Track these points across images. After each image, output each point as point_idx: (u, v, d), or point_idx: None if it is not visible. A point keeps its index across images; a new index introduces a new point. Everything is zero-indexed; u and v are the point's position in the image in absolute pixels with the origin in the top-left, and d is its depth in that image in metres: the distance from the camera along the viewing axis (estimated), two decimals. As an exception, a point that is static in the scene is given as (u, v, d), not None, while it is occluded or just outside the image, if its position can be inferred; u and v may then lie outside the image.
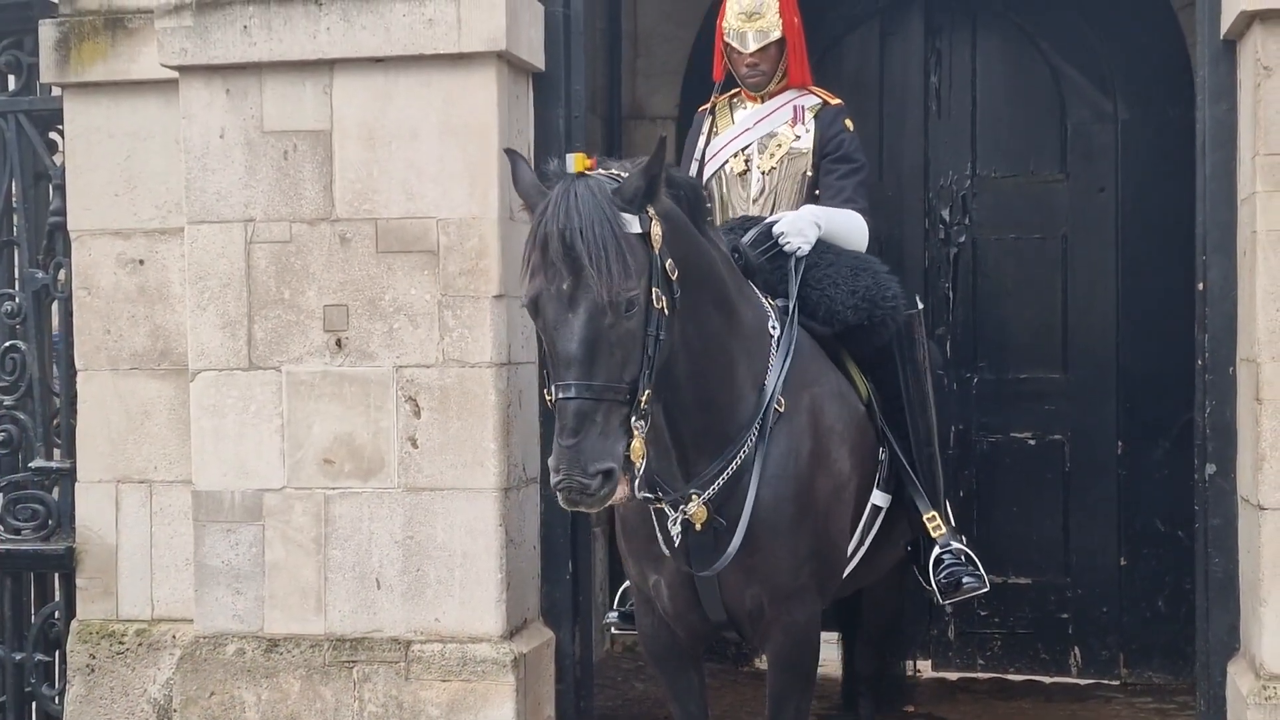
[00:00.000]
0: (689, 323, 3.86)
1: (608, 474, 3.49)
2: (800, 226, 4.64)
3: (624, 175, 3.72)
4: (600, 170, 3.76)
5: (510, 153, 3.87)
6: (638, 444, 3.58)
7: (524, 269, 3.62)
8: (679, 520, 4.02)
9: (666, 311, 3.68)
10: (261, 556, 5.30)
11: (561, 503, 3.56)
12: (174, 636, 5.61)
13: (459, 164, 5.14)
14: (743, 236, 4.61)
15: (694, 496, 4.03)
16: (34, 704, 5.96)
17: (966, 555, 4.69)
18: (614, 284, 3.49)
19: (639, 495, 3.82)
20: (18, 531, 5.90)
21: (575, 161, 5.35)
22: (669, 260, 3.70)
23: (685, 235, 3.87)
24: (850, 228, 4.84)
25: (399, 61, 5.15)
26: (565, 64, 5.42)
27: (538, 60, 5.35)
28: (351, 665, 5.22)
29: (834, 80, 5.25)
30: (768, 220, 4.70)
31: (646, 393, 3.59)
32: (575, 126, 5.44)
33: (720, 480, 4.05)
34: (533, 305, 3.60)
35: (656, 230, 3.66)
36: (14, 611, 5.95)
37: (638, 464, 3.61)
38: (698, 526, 4.05)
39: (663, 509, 4.07)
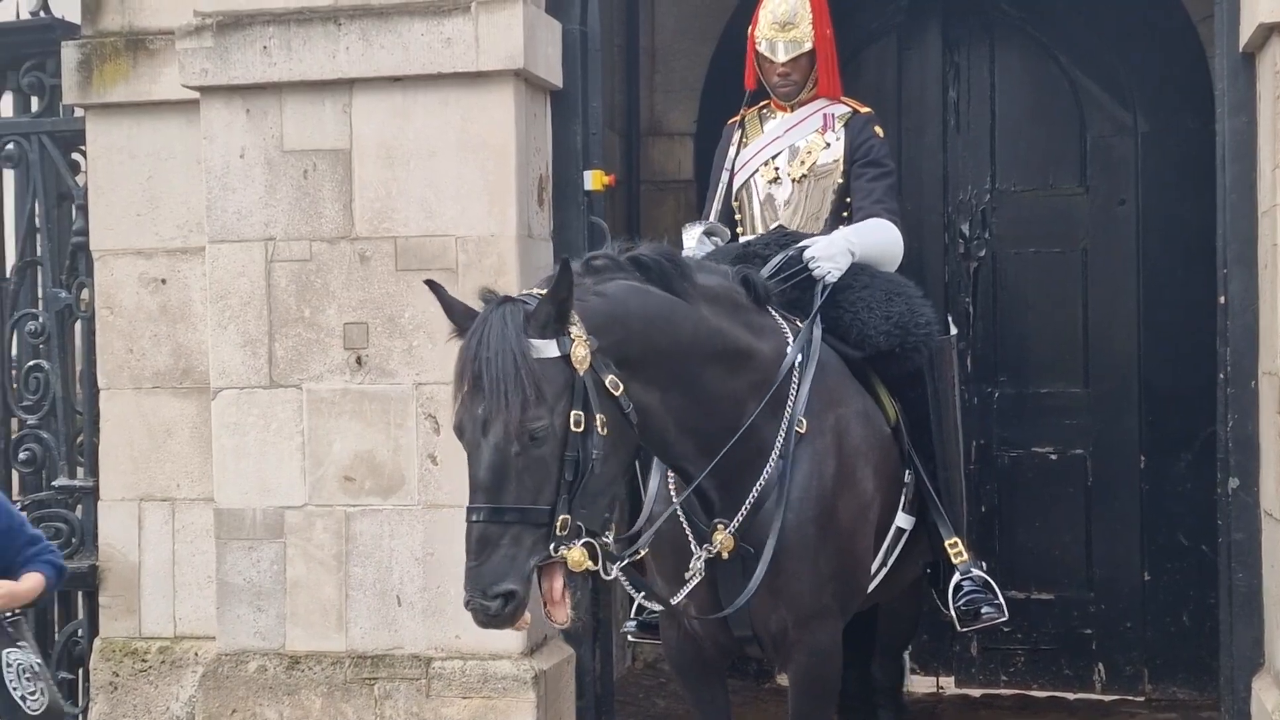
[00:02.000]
0: (672, 394, 3.84)
1: (508, 596, 3.46)
2: (832, 253, 4.58)
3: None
4: (534, 290, 3.72)
5: (430, 284, 3.83)
6: (577, 554, 3.53)
7: (454, 394, 3.66)
8: (702, 558, 4.02)
9: (603, 430, 3.61)
10: (283, 574, 5.31)
11: (475, 622, 3.54)
12: (196, 654, 5.64)
13: (477, 182, 5.16)
14: (773, 256, 4.57)
15: (720, 527, 4.04)
16: (58, 722, 6.00)
17: (986, 583, 4.64)
18: (512, 417, 3.49)
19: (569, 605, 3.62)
20: (41, 550, 5.93)
21: (593, 179, 5.45)
22: (609, 376, 3.64)
23: (648, 321, 3.79)
24: (885, 245, 4.80)
25: (417, 80, 5.18)
26: (583, 81, 5.44)
27: (555, 78, 5.37)
28: (373, 682, 5.23)
29: (852, 94, 5.22)
30: (800, 245, 4.67)
31: (562, 517, 3.53)
32: (593, 143, 5.46)
33: (745, 508, 4.05)
34: (458, 430, 3.63)
35: (580, 351, 3.60)
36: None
37: (579, 574, 3.57)
38: (724, 555, 4.06)
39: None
